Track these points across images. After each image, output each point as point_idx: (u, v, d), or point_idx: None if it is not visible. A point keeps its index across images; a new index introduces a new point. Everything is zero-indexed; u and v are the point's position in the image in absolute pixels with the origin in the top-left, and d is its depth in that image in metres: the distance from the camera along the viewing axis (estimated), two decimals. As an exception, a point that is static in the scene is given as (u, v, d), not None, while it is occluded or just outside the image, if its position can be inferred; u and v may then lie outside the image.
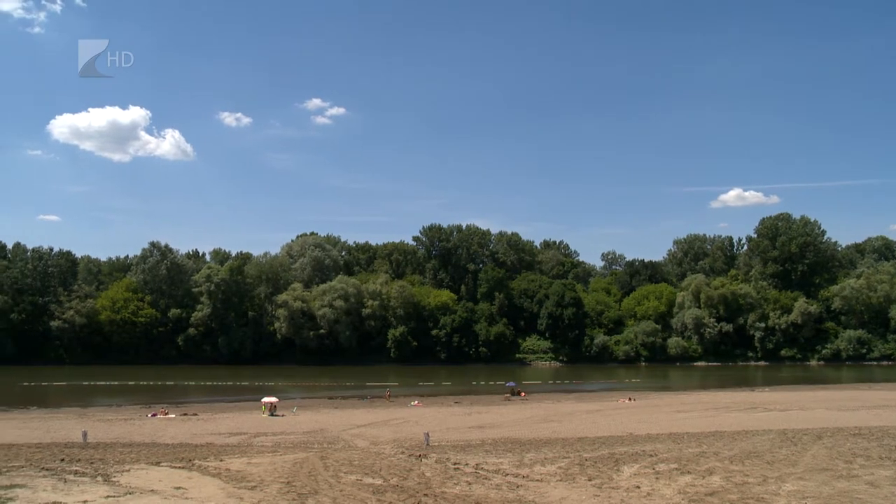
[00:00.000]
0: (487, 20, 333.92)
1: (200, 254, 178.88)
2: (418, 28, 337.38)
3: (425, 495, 19.48)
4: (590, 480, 22.26)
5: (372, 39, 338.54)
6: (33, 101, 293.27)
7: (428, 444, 33.74)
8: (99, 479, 21.99)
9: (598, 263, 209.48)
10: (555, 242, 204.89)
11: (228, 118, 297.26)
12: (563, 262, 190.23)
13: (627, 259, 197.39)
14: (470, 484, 21.49)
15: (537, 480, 22.37)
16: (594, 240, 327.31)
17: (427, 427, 40.43)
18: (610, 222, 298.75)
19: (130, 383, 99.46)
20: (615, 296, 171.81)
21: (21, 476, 22.72)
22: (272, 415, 58.84)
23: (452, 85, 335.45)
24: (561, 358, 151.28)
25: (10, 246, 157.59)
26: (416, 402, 73.44)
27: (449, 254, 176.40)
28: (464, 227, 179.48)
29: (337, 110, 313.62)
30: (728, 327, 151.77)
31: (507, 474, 23.48)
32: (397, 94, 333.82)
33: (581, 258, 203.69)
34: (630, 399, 74.70)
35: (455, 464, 25.90)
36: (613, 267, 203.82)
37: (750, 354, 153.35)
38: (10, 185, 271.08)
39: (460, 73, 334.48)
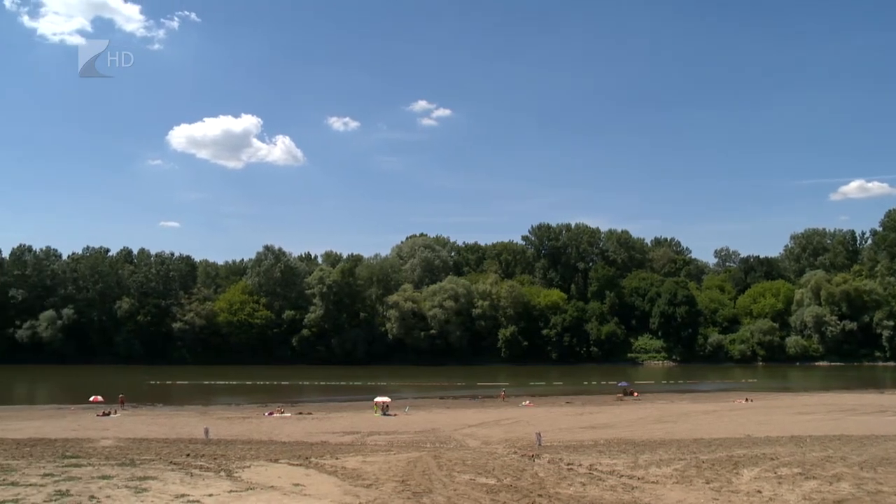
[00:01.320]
0: (592, 16, 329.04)
1: (312, 256, 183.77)
2: (522, 26, 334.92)
3: (539, 496, 19.31)
4: (707, 483, 21.60)
5: (476, 40, 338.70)
6: (154, 113, 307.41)
7: (540, 444, 33.53)
8: (222, 474, 22.73)
9: (711, 260, 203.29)
10: (666, 240, 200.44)
11: (337, 123, 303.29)
12: (675, 260, 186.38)
13: (742, 255, 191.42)
14: (584, 485, 21.19)
15: (653, 482, 21.89)
16: (706, 236, 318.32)
17: (539, 427, 40.17)
18: (722, 218, 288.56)
19: (248, 383, 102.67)
20: (729, 293, 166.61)
21: (152, 469, 23.82)
22: (385, 414, 59.73)
23: (558, 83, 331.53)
24: (674, 357, 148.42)
25: (135, 251, 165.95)
26: (528, 402, 73.40)
27: (558, 253, 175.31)
28: (573, 225, 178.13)
29: (443, 111, 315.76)
30: (852, 325, 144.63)
31: (622, 476, 23.05)
32: (502, 94, 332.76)
33: (693, 255, 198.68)
34: (747, 400, 72.53)
35: (568, 464, 25.61)
36: (727, 264, 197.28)
37: (877, 354, 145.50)
38: (134, 193, 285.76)
39: (565, 71, 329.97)
